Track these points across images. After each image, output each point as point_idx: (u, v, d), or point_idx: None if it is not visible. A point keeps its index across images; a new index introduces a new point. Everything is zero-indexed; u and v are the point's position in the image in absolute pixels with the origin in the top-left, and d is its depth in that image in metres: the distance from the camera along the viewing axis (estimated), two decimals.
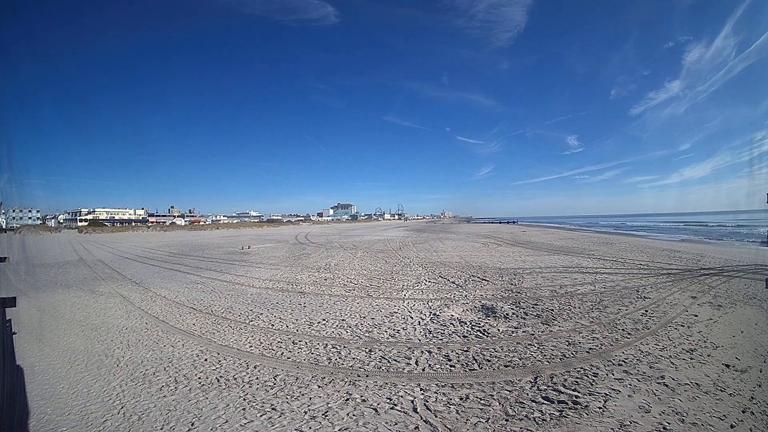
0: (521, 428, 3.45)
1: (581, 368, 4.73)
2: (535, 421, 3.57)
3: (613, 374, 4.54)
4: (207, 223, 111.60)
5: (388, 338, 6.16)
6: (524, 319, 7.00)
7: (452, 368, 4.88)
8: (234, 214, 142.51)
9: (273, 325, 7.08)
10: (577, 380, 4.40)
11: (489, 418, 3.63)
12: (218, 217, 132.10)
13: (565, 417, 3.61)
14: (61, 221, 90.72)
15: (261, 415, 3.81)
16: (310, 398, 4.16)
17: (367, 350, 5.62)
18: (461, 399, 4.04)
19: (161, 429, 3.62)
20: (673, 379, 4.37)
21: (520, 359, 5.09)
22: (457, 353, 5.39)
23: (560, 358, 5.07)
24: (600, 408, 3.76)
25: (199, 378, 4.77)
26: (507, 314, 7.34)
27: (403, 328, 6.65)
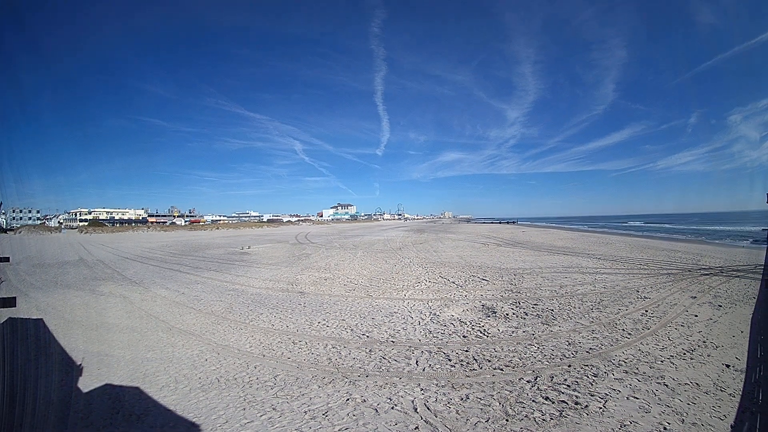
0: (521, 428, 3.45)
1: (581, 368, 4.73)
2: (535, 421, 3.56)
3: (613, 374, 4.54)
4: (207, 223, 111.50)
5: (388, 338, 6.16)
6: (524, 319, 7.00)
7: (452, 368, 4.88)
8: (234, 214, 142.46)
9: (273, 325, 7.08)
10: (577, 380, 4.40)
11: (489, 418, 3.63)
12: (218, 217, 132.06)
13: (565, 417, 3.61)
14: (61, 221, 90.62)
15: (261, 415, 3.81)
16: (310, 398, 4.16)
17: (368, 350, 5.62)
18: (461, 399, 4.04)
19: (161, 429, 3.62)
20: (673, 379, 4.38)
21: (520, 359, 5.09)
22: (457, 353, 5.39)
23: (560, 358, 5.07)
24: (600, 408, 3.76)
25: (199, 378, 4.78)
26: (507, 314, 7.34)
27: (403, 328, 6.65)
